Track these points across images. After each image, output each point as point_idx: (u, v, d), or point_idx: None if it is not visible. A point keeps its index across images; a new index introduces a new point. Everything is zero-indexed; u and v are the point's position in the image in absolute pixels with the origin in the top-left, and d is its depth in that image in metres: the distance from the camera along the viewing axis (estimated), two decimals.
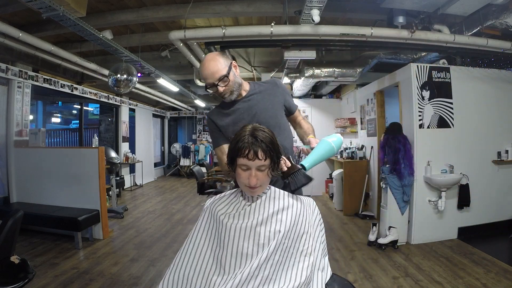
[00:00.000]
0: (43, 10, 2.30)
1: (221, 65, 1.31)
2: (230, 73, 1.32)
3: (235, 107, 1.41)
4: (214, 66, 1.31)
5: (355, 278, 2.53)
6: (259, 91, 1.44)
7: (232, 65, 1.36)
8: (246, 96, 1.43)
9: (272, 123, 1.36)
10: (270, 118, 1.38)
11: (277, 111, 1.44)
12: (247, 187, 1.01)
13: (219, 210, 1.06)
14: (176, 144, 9.88)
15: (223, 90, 1.33)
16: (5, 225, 1.66)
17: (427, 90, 3.41)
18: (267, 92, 1.45)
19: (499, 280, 2.40)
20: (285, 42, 3.26)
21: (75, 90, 5.15)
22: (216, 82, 1.31)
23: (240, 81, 1.40)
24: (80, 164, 3.61)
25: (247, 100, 1.42)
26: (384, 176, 3.37)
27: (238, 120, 1.39)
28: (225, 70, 1.31)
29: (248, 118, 1.37)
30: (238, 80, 1.39)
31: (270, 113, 1.40)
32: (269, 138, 0.99)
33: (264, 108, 1.40)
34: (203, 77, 1.34)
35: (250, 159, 0.96)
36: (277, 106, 1.44)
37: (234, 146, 1.00)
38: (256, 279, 0.93)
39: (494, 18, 2.68)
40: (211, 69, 1.31)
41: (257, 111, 1.39)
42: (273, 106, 1.43)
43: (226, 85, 1.33)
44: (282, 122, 1.44)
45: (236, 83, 1.37)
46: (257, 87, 1.46)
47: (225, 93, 1.35)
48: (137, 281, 2.52)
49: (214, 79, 1.31)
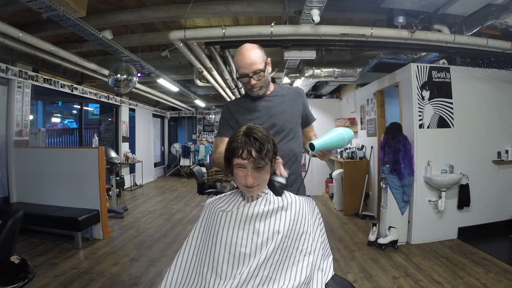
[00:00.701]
0: (43, 10, 2.29)
1: (259, 58, 1.31)
2: (265, 69, 1.33)
3: (255, 104, 1.41)
4: (253, 57, 1.29)
5: (355, 278, 2.53)
6: (281, 94, 1.44)
7: (267, 62, 1.36)
8: (269, 95, 1.43)
9: (287, 127, 1.37)
10: (287, 122, 1.38)
11: (294, 117, 1.43)
12: (245, 187, 1.01)
13: (218, 208, 1.06)
14: (176, 144, 9.88)
15: (254, 83, 1.33)
16: (5, 225, 1.66)
17: (427, 90, 3.41)
18: (289, 97, 1.45)
19: (499, 280, 2.40)
20: (285, 42, 3.26)
21: (75, 90, 5.15)
22: (251, 74, 1.30)
23: (270, 79, 1.40)
24: (80, 164, 3.61)
25: (268, 100, 1.42)
26: (384, 176, 3.37)
27: (255, 117, 1.39)
28: (262, 65, 1.31)
29: (265, 117, 1.37)
30: (269, 78, 1.39)
31: (288, 117, 1.40)
32: (263, 137, 1.00)
33: (283, 111, 1.40)
34: (239, 65, 1.32)
35: (244, 159, 0.97)
36: (295, 112, 1.44)
37: (229, 146, 1.00)
38: (256, 279, 0.94)
39: (494, 18, 2.68)
40: (251, 59, 1.29)
41: (276, 112, 1.39)
42: (292, 111, 1.42)
43: (259, 79, 1.32)
44: (297, 128, 1.44)
45: (267, 80, 1.38)
46: (280, 90, 1.46)
47: (255, 87, 1.34)
48: (137, 281, 2.52)
49: (250, 70, 1.30)
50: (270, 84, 1.42)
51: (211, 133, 10.37)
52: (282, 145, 1.33)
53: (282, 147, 1.31)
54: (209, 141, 10.20)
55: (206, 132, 10.38)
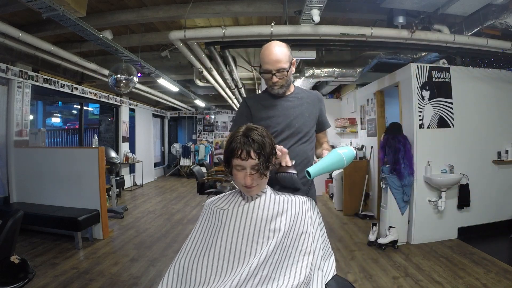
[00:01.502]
0: (43, 10, 2.30)
1: (285, 57, 1.30)
2: (290, 70, 1.33)
3: (274, 102, 1.40)
4: (280, 55, 1.29)
5: (355, 278, 2.53)
6: (301, 97, 1.44)
7: (293, 63, 1.36)
8: (288, 96, 1.42)
9: (304, 130, 1.37)
10: (304, 125, 1.38)
11: (311, 121, 1.43)
12: (244, 187, 1.01)
13: (218, 207, 1.06)
14: (176, 144, 9.88)
15: (276, 81, 1.32)
16: (5, 225, 1.66)
17: (427, 90, 3.41)
18: (308, 100, 1.44)
19: (499, 280, 2.40)
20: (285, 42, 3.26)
21: (75, 90, 5.15)
22: (274, 71, 1.30)
23: (292, 79, 1.40)
24: (80, 164, 3.61)
25: (287, 101, 1.41)
26: (384, 176, 3.37)
27: (272, 116, 1.38)
28: (287, 64, 1.31)
29: (282, 117, 1.37)
30: (291, 78, 1.39)
31: (305, 120, 1.40)
32: (262, 138, 1.00)
33: (301, 114, 1.40)
34: (264, 60, 1.32)
35: (243, 159, 0.97)
36: (312, 116, 1.43)
37: (228, 147, 1.01)
38: (255, 278, 0.94)
39: (494, 18, 2.68)
40: (276, 56, 1.29)
41: (294, 114, 1.38)
42: (309, 115, 1.42)
43: (282, 78, 1.32)
44: (311, 132, 1.44)
45: (289, 80, 1.37)
46: (300, 92, 1.46)
47: (276, 85, 1.34)
48: (137, 281, 2.52)
49: (274, 67, 1.29)
50: (291, 85, 1.42)
51: (211, 133, 10.38)
52: (296, 147, 1.33)
53: (296, 149, 1.31)
54: (209, 141, 10.20)
55: (206, 132, 10.38)
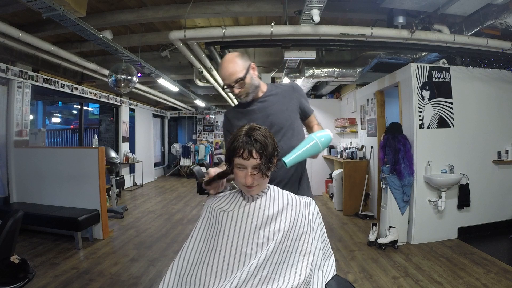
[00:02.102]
0: (43, 10, 2.30)
1: (238, 67, 1.33)
2: (247, 76, 1.34)
3: (251, 107, 1.43)
4: (231, 68, 1.33)
5: (355, 278, 2.53)
6: (275, 93, 1.46)
7: (251, 67, 1.37)
8: (262, 97, 1.44)
9: (286, 125, 1.39)
10: (285, 120, 1.40)
11: (292, 114, 1.45)
12: (244, 187, 1.01)
13: (218, 208, 1.06)
14: (176, 144, 9.88)
15: (238, 92, 1.35)
16: (5, 225, 1.66)
17: (427, 90, 3.41)
18: (283, 94, 1.46)
19: (499, 280, 2.40)
20: (285, 42, 3.26)
21: (75, 90, 5.15)
22: (232, 84, 1.33)
23: (257, 83, 1.41)
24: (80, 164, 3.61)
25: (263, 101, 1.43)
26: (384, 176, 3.37)
27: (252, 120, 1.38)
28: (242, 73, 1.33)
29: (262, 118, 1.39)
30: (255, 82, 1.40)
31: (285, 115, 1.41)
32: (264, 138, 1.00)
33: (279, 110, 1.42)
34: (221, 77, 1.38)
35: (245, 159, 0.97)
36: (292, 108, 1.45)
37: (230, 146, 1.01)
38: (255, 279, 0.94)
39: (494, 18, 2.68)
40: (229, 70, 1.33)
41: (272, 112, 1.41)
42: (288, 108, 1.44)
43: (242, 87, 1.35)
44: (296, 125, 1.45)
45: (253, 85, 1.38)
46: (274, 89, 1.47)
47: (240, 95, 1.37)
48: (137, 281, 2.52)
49: (230, 81, 1.33)
50: (260, 87, 1.43)
51: (211, 133, 10.38)
52: (283, 143, 1.34)
53: (283, 145, 1.32)
54: (209, 141, 10.20)
55: (206, 132, 10.38)
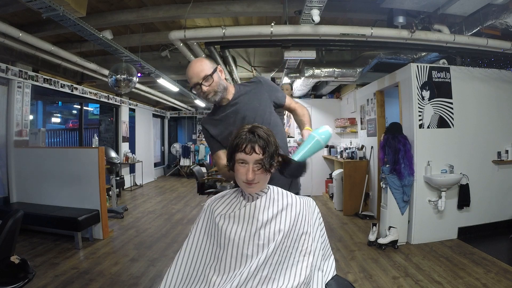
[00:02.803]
0: (43, 10, 2.30)
1: (206, 66, 1.35)
2: (214, 74, 1.36)
3: (224, 112, 1.44)
4: (199, 66, 1.35)
5: (355, 278, 2.53)
6: (245, 92, 1.47)
7: (218, 69, 1.39)
8: (233, 99, 1.45)
9: (262, 121, 1.38)
10: (259, 117, 1.41)
11: (266, 108, 1.46)
12: (245, 183, 1.01)
13: (218, 211, 1.06)
14: (176, 144, 9.88)
15: (206, 89, 1.35)
16: (5, 225, 1.66)
17: (427, 90, 3.41)
18: (253, 92, 1.47)
19: (499, 280, 2.40)
20: (285, 42, 3.26)
21: (75, 90, 5.15)
22: (200, 81, 1.34)
23: (225, 84, 1.42)
24: (80, 164, 3.61)
25: (234, 104, 1.44)
26: (384, 176, 3.37)
27: (228, 125, 1.41)
28: (209, 71, 1.35)
29: (238, 121, 1.40)
30: (223, 83, 1.41)
31: (259, 112, 1.43)
32: (267, 136, 1.01)
33: (252, 108, 1.43)
34: (189, 77, 1.37)
35: (247, 153, 0.97)
36: (264, 103, 1.46)
37: (233, 142, 1.01)
38: (255, 279, 0.94)
39: (494, 18, 2.68)
40: (196, 68, 1.35)
41: (246, 112, 1.42)
42: (261, 104, 1.45)
43: (210, 85, 1.35)
44: (272, 119, 1.47)
45: (221, 85, 1.39)
46: (242, 89, 1.48)
47: (208, 93, 1.37)
48: (137, 281, 2.52)
49: (198, 78, 1.34)
50: (228, 89, 1.44)
51: None
52: None
53: None
54: None
55: None
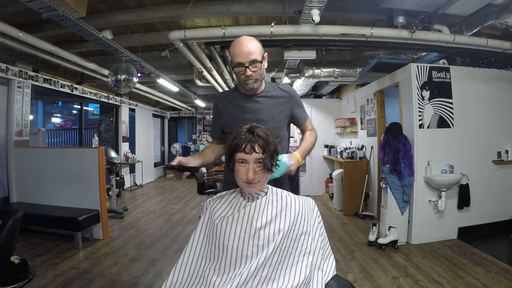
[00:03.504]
0: (43, 10, 2.30)
1: (258, 49, 1.27)
2: (263, 62, 1.29)
3: (244, 103, 1.37)
4: (251, 46, 1.25)
5: (355, 278, 2.53)
6: (271, 96, 1.39)
7: (265, 57, 1.32)
8: (259, 95, 1.38)
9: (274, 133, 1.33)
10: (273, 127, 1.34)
11: (282, 121, 1.40)
12: (245, 183, 1.00)
13: (218, 212, 1.06)
14: (176, 144, 9.88)
15: (250, 74, 1.27)
16: (5, 225, 1.66)
17: (427, 90, 3.41)
18: (280, 100, 1.40)
19: (499, 280, 2.40)
20: (285, 42, 3.26)
21: (75, 90, 5.15)
22: (247, 63, 1.25)
23: (265, 75, 1.36)
24: (80, 164, 3.61)
25: (257, 101, 1.37)
26: (384, 176, 3.37)
27: (240, 116, 1.36)
28: (259, 56, 1.27)
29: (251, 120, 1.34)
30: (265, 73, 1.35)
31: (274, 122, 1.37)
32: (266, 135, 1.01)
33: (271, 115, 1.36)
34: (236, 54, 1.26)
35: (247, 153, 0.97)
36: (283, 116, 1.40)
37: (232, 143, 1.00)
38: (255, 279, 0.94)
39: (494, 18, 2.68)
40: (247, 48, 1.24)
41: (263, 116, 1.35)
42: (280, 115, 1.39)
43: (255, 71, 1.28)
44: (281, 134, 1.40)
45: (263, 74, 1.33)
46: (271, 90, 1.41)
47: (250, 79, 1.29)
48: (137, 281, 2.52)
49: (247, 60, 1.24)
50: (263, 81, 1.38)
51: None
52: None
53: None
54: (209, 141, 10.18)
55: (206, 132, 10.38)
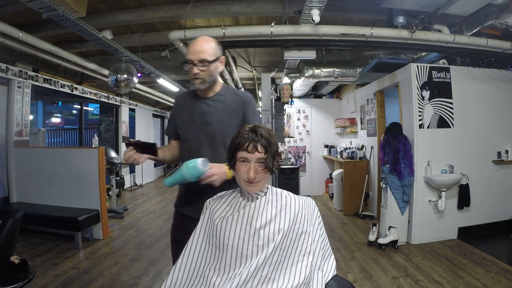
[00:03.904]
0: (43, 10, 2.30)
1: (211, 50, 1.26)
2: (213, 63, 1.27)
3: (195, 104, 1.34)
4: (205, 46, 1.26)
5: (355, 278, 2.53)
6: (224, 100, 1.34)
7: (220, 59, 1.30)
8: (211, 97, 1.35)
9: (218, 138, 1.31)
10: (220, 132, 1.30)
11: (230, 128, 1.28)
12: (245, 183, 1.00)
13: (217, 213, 1.06)
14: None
15: (197, 72, 1.25)
16: (5, 225, 1.66)
17: (427, 90, 3.41)
18: (231, 106, 1.34)
19: (499, 280, 2.40)
20: (285, 42, 3.26)
21: (75, 90, 5.15)
22: (196, 61, 1.24)
23: (216, 77, 1.33)
24: (80, 164, 3.61)
25: (206, 104, 1.34)
26: (384, 176, 3.37)
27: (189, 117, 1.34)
28: (211, 57, 1.26)
29: (199, 122, 1.32)
30: (216, 76, 1.32)
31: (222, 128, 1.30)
32: (269, 135, 1.01)
33: (220, 121, 1.31)
34: (189, 50, 1.27)
35: (249, 152, 0.97)
36: (232, 123, 1.32)
37: (234, 142, 1.00)
38: (254, 279, 0.94)
39: (494, 18, 2.68)
40: (201, 47, 1.26)
41: (211, 120, 1.31)
42: (228, 121, 1.32)
43: (203, 71, 1.26)
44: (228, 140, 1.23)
45: (213, 76, 1.30)
46: (226, 93, 1.36)
47: (197, 78, 1.27)
48: (137, 281, 2.52)
49: (196, 57, 1.24)
50: (217, 84, 1.36)
51: None
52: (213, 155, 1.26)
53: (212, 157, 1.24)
54: None
55: None
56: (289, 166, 4.81)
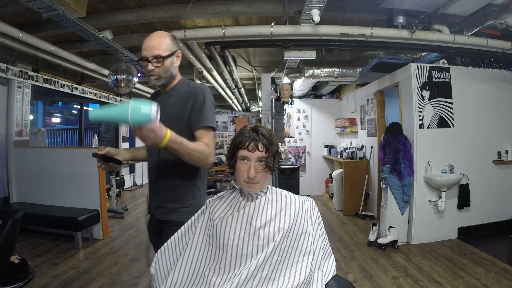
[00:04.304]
0: (43, 10, 2.30)
1: (165, 45, 1.23)
2: (168, 58, 1.24)
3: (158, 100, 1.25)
4: (158, 41, 1.23)
5: (355, 278, 2.53)
6: (176, 94, 1.30)
7: (176, 54, 1.28)
8: (167, 91, 1.32)
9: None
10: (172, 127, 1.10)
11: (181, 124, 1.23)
12: (245, 182, 1.00)
13: (217, 213, 1.06)
14: None
15: (151, 69, 1.23)
16: (5, 225, 1.66)
17: (427, 90, 3.41)
18: (183, 100, 1.27)
19: (499, 280, 2.40)
20: (285, 42, 3.26)
21: (75, 90, 5.15)
22: (150, 57, 1.22)
23: (174, 73, 1.30)
24: (80, 164, 3.61)
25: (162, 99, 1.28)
26: (384, 176, 3.38)
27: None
28: (165, 52, 1.23)
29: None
30: (173, 71, 1.28)
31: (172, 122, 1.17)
32: (269, 135, 1.01)
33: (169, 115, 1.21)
34: (142, 47, 1.24)
35: (250, 151, 0.97)
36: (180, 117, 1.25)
37: (235, 141, 1.00)
38: (254, 279, 0.94)
39: (494, 18, 2.68)
40: (153, 43, 1.23)
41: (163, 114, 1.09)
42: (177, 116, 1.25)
43: (158, 67, 1.23)
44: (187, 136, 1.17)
45: (169, 71, 1.27)
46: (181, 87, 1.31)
47: (151, 74, 1.24)
48: (137, 281, 2.52)
49: (149, 54, 1.22)
50: (175, 79, 1.32)
51: None
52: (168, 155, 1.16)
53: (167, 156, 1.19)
54: None
55: None
56: (289, 166, 4.81)
